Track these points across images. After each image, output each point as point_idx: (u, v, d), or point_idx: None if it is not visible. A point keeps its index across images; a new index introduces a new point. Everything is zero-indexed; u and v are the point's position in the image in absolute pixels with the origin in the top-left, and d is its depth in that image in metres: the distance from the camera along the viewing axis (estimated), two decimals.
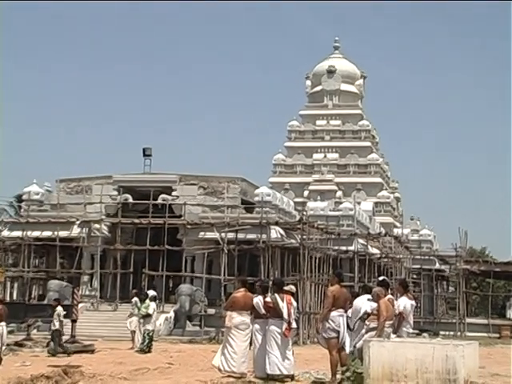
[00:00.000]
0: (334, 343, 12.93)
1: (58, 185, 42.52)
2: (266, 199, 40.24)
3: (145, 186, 40.30)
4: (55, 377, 13.59)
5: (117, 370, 15.92)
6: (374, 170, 64.49)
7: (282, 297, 13.66)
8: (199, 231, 38.07)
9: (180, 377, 14.63)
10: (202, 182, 40.78)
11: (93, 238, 38.97)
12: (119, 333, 28.21)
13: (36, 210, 41.83)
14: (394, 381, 11.03)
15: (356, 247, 40.83)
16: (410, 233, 59.59)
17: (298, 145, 65.69)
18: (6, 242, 39.50)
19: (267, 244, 36.01)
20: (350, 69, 68.20)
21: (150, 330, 23.72)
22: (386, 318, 12.15)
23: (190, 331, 33.62)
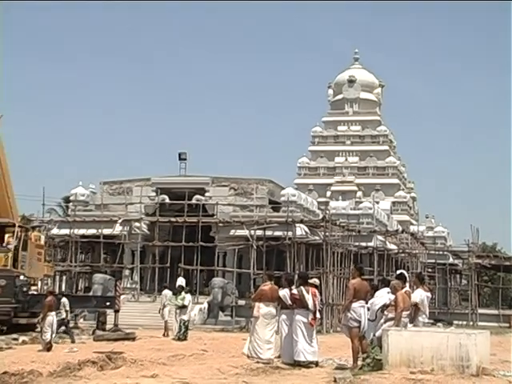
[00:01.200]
0: (355, 332, 12.92)
1: (102, 187, 42.83)
2: (292, 199, 40.19)
3: (180, 188, 40.40)
4: (100, 362, 13.67)
5: (156, 356, 15.97)
6: (391, 172, 64.20)
7: (307, 289, 13.65)
8: (230, 229, 38.14)
9: (213, 362, 14.64)
10: (232, 183, 40.86)
11: (133, 235, 39.17)
12: (157, 322, 28.29)
13: (82, 210, 42.16)
14: (410, 367, 10.99)
15: (375, 243, 40.67)
16: (426, 230, 59.17)
17: (321, 149, 65.57)
18: (55, 239, 39.85)
19: (293, 240, 35.98)
20: (369, 78, 67.94)
21: (185, 319, 23.77)
22: (403, 309, 12.10)
23: (222, 321, 33.67)
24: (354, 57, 69.27)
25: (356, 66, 68.61)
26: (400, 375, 10.65)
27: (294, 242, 35.96)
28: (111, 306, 26.69)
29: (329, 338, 25.00)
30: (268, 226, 37.02)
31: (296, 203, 40.38)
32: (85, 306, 28.77)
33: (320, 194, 60.18)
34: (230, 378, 11.63)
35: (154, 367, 13.53)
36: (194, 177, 41.38)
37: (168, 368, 13.42)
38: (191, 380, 11.04)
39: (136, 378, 11.50)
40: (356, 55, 69.25)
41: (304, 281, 14.12)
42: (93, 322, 27.62)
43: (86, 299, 30.11)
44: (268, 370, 12.58)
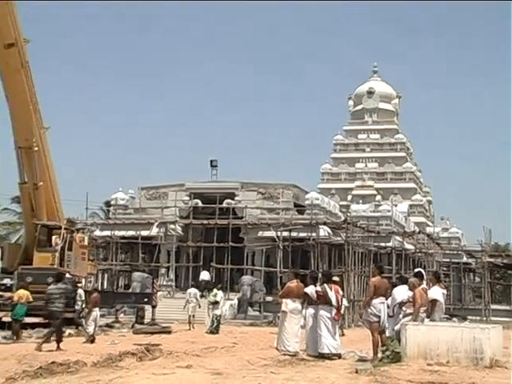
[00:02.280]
0: (375, 326, 12.88)
1: (140, 192, 43.11)
2: (315, 203, 40.19)
3: (212, 192, 40.52)
4: (139, 353, 13.71)
5: (190, 348, 16.01)
6: (408, 177, 63.86)
7: (330, 286, 13.63)
8: (258, 230, 38.18)
9: (243, 354, 14.64)
10: (260, 188, 40.90)
11: (169, 236, 39.35)
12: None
13: (122, 214, 42.44)
14: (427, 359, 10.92)
15: (393, 243, 40.48)
16: (441, 231, 58.80)
17: (343, 156, 65.41)
18: (98, 240, 40.13)
19: (316, 241, 35.95)
20: (387, 90, 67.65)
21: (217, 314, 23.84)
22: (420, 305, 12.02)
23: (251, 316, 33.70)
24: (372, 70, 69.07)
25: (375, 78, 68.38)
26: (417, 367, 10.59)
27: (317, 242, 35.93)
28: (149, 301, 26.86)
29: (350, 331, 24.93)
30: (293, 227, 37.02)
31: (319, 206, 40.35)
32: (125, 301, 28.95)
33: (342, 198, 59.98)
34: (258, 368, 11.62)
35: (189, 358, 13.55)
36: (225, 182, 41.48)
37: (201, 359, 13.44)
38: (223, 370, 11.05)
39: (172, 368, 11.53)
40: (375, 68, 69.05)
41: (327, 279, 14.10)
42: (132, 316, 27.79)
43: (126, 296, 30.31)
44: (294, 362, 12.55)
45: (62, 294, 16.36)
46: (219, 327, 23.56)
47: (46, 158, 25.27)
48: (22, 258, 25.07)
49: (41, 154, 24.67)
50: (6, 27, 21.94)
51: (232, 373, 10.80)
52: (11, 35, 22.16)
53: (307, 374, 10.65)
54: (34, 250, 25.14)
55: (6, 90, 23.07)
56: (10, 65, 22.53)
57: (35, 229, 25.38)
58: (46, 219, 25.52)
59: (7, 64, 22.49)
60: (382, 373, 10.25)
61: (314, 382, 9.71)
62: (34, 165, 24.42)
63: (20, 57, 22.74)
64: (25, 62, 23.07)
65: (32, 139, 24.07)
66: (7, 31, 22.01)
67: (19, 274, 23.70)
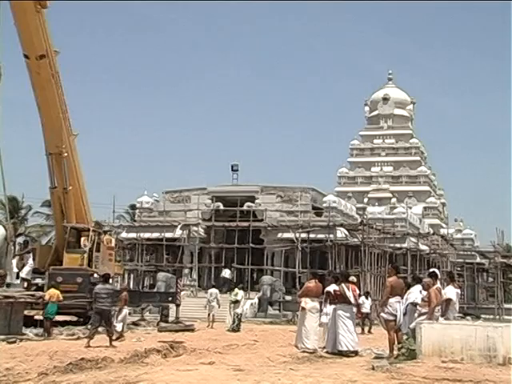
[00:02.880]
0: (391, 325, 12.83)
1: (164, 195, 43.25)
2: (333, 205, 40.08)
3: (233, 196, 40.58)
4: (164, 350, 13.77)
5: (212, 346, 16.04)
6: (422, 180, 63.48)
7: (347, 286, 13.61)
8: (277, 232, 38.17)
9: (263, 351, 14.65)
10: (279, 191, 40.87)
11: (192, 238, 39.44)
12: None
13: (147, 216, 42.62)
14: (442, 356, 10.86)
15: (408, 245, 40.29)
16: (455, 232, 58.33)
17: (359, 160, 65.19)
18: (124, 242, 40.34)
19: (334, 242, 35.87)
20: (402, 96, 67.35)
21: (238, 313, 23.84)
22: (435, 304, 11.96)
23: (271, 314, 33.67)
24: (388, 77, 68.78)
25: (390, 85, 68.12)
26: (432, 364, 10.53)
27: (335, 243, 35.85)
28: (173, 300, 26.88)
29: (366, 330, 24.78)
30: (311, 229, 36.96)
31: (336, 209, 40.24)
32: (150, 300, 29.02)
33: (358, 201, 59.74)
34: (278, 365, 11.63)
35: (211, 355, 13.59)
36: (245, 186, 41.52)
37: (223, 356, 13.47)
38: (244, 367, 11.06)
39: (195, 364, 11.57)
40: (390, 75, 68.76)
41: (345, 278, 14.09)
42: (157, 315, 27.83)
43: (151, 295, 30.37)
44: (313, 359, 12.54)
45: (108, 294, 16.59)
46: (240, 325, 23.55)
47: (75, 163, 25.42)
48: (52, 259, 25.23)
49: (70, 160, 24.84)
50: (38, 39, 22.14)
51: (253, 369, 10.81)
52: (42, 47, 22.35)
53: (325, 370, 10.64)
54: (64, 251, 25.28)
55: (38, 100, 23.27)
56: (42, 75, 22.71)
57: (65, 231, 25.54)
58: (75, 222, 25.66)
59: (38, 75, 22.68)
60: (397, 369, 10.21)
61: (332, 378, 9.69)
62: (63, 170, 24.58)
63: (51, 68, 22.92)
64: (55, 72, 23.25)
65: (62, 146, 24.23)
66: (38, 43, 22.20)
67: (50, 274, 23.86)
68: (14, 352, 14.45)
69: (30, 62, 22.43)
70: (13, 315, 18.68)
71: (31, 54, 22.26)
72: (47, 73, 22.81)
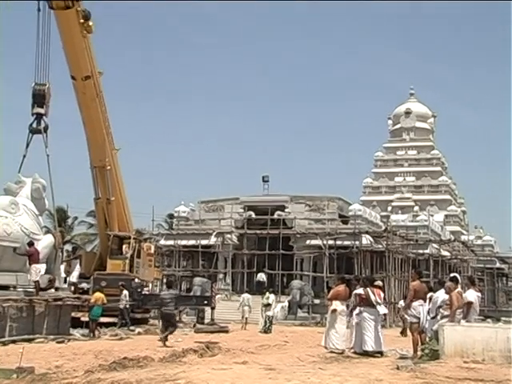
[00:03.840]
0: (415, 327, 12.72)
1: (199, 205, 43.46)
2: (358, 213, 39.91)
3: (264, 205, 40.60)
4: (200, 350, 13.79)
5: (245, 346, 16.03)
6: (443, 189, 62.91)
7: (372, 290, 13.54)
8: (306, 239, 38.07)
9: (293, 352, 14.60)
10: (307, 200, 40.82)
11: (225, 245, 39.53)
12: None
13: (183, 225, 42.86)
14: (464, 357, 10.71)
15: (431, 251, 39.90)
16: (475, 239, 57.68)
17: (383, 170, 64.85)
18: (163, 249, 40.56)
19: (359, 249, 35.65)
20: (423, 110, 66.92)
21: (270, 315, 23.81)
22: (456, 307, 11.81)
23: (301, 317, 33.54)
24: (409, 92, 68.54)
25: (412, 99, 67.77)
26: (455, 364, 10.39)
27: (360, 250, 35.63)
28: (208, 303, 26.94)
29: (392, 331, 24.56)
30: (338, 236, 36.79)
31: (362, 217, 40.04)
32: (187, 304, 29.10)
33: (382, 209, 59.36)
34: (307, 365, 11.57)
35: (244, 355, 13.58)
36: (275, 196, 41.54)
37: (256, 356, 13.45)
38: (275, 366, 11.02)
39: (229, 364, 11.56)
40: (411, 91, 68.47)
41: (370, 283, 14.01)
42: (193, 317, 27.93)
43: (188, 298, 30.46)
44: (340, 359, 12.45)
45: (172, 299, 17.00)
46: (272, 327, 23.51)
47: (117, 175, 25.70)
48: (96, 265, 25.49)
49: (113, 173, 25.11)
50: (84, 61, 22.48)
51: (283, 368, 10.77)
52: (87, 68, 22.70)
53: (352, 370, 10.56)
54: (107, 257, 25.54)
55: (83, 117, 23.61)
56: (87, 95, 23.05)
57: (108, 239, 25.79)
58: (118, 230, 25.90)
59: (84, 94, 23.02)
60: (421, 369, 10.09)
61: (359, 377, 9.61)
62: (106, 182, 24.86)
63: (95, 87, 23.25)
64: (99, 91, 23.58)
65: (105, 159, 24.53)
66: (84, 65, 22.54)
67: (94, 278, 24.11)
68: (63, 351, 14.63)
69: (77, 83, 22.79)
70: (61, 317, 18.88)
71: (77, 75, 22.62)
72: (92, 92, 23.15)
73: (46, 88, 20.88)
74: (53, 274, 20.87)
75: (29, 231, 20.00)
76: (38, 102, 20.90)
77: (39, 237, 20.62)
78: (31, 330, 17.55)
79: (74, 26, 21.51)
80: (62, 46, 22.06)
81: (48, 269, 20.76)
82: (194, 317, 27.79)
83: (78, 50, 22.16)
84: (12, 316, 17.11)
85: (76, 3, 21.27)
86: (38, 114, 20.96)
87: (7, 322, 16.93)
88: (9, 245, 18.87)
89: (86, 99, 23.16)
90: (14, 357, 12.64)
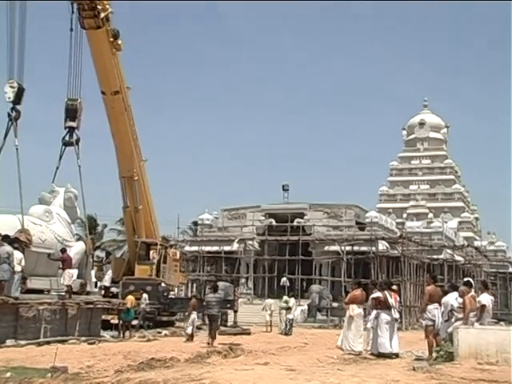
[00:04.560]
0: (430, 329, 12.60)
1: (222, 213, 43.54)
2: (374, 220, 39.68)
3: (284, 213, 40.58)
4: (224, 352, 13.80)
5: (267, 348, 16.00)
6: (457, 197, 62.36)
7: (390, 294, 13.48)
8: (324, 245, 37.95)
9: (313, 353, 14.55)
10: (326, 208, 40.70)
11: (247, 251, 39.55)
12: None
13: (207, 232, 42.95)
14: (478, 359, 10.58)
15: (445, 256, 39.57)
16: (488, 244, 56.94)
17: (398, 179, 64.47)
18: (188, 255, 40.69)
19: (376, 254, 35.45)
20: (436, 121, 66.48)
21: (290, 318, 23.74)
22: (470, 310, 11.69)
23: (320, 319, 33.42)
24: (423, 104, 68.14)
25: (425, 111, 67.37)
26: (469, 365, 10.27)
27: (377, 255, 35.43)
28: (231, 307, 26.96)
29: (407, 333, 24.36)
30: (355, 242, 36.64)
31: (378, 224, 39.82)
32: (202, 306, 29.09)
33: (397, 216, 58.93)
34: (326, 366, 11.52)
35: (266, 356, 13.55)
36: (295, 204, 41.50)
37: (277, 357, 13.41)
38: (296, 367, 10.99)
39: (252, 364, 11.55)
40: (425, 102, 68.07)
41: (387, 286, 13.95)
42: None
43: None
44: (358, 360, 12.38)
45: (217, 302, 17.26)
46: (292, 329, 23.44)
47: (145, 185, 25.87)
48: (125, 270, 25.65)
49: (140, 183, 25.29)
50: (113, 77, 22.75)
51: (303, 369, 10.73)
52: (116, 84, 22.95)
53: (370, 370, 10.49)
54: (135, 263, 25.69)
55: (112, 130, 23.84)
56: (116, 109, 23.30)
57: (136, 245, 25.95)
58: (145, 237, 26.05)
59: (113, 108, 23.27)
60: (436, 370, 10.00)
61: (376, 378, 9.54)
62: (134, 191, 25.05)
63: (124, 102, 23.48)
64: (127, 105, 23.81)
65: (133, 170, 24.72)
66: (113, 81, 22.81)
67: (123, 283, 24.27)
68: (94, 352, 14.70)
69: (106, 98, 23.05)
70: (92, 319, 19.02)
71: (107, 90, 22.88)
72: (121, 106, 23.39)
73: (77, 103, 21.11)
74: (84, 279, 21.04)
75: (62, 238, 20.20)
76: (71, 116, 21.12)
77: (71, 243, 20.81)
78: (64, 331, 17.70)
79: (104, 44, 21.80)
80: (93, 63, 22.35)
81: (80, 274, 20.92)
82: None
83: (107, 67, 22.43)
84: (46, 318, 17.28)
85: (106, 23, 21.57)
86: (70, 127, 21.17)
87: (42, 324, 17.10)
88: (43, 251, 19.08)
89: (115, 113, 23.40)
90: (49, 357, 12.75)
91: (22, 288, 17.21)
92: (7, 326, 16.23)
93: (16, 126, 18.88)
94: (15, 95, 18.82)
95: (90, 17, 21.04)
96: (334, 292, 36.68)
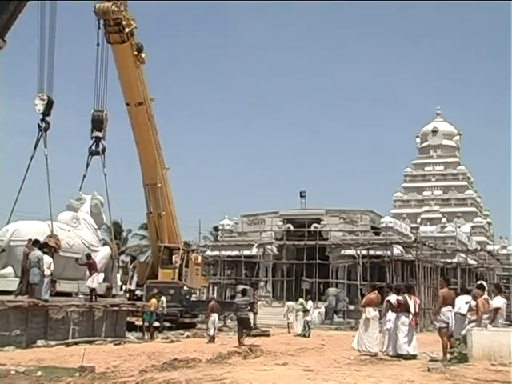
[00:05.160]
0: (444, 331, 12.49)
1: (242, 218, 43.56)
2: (389, 225, 39.51)
3: (301, 218, 40.51)
4: (244, 353, 13.78)
5: (286, 349, 15.95)
6: (469, 202, 61.79)
7: (410, 297, 13.41)
8: (341, 249, 37.80)
9: (330, 354, 14.48)
10: (342, 214, 40.55)
11: (266, 255, 39.50)
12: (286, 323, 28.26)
13: (227, 237, 42.99)
14: (491, 360, 10.46)
15: (458, 260, 39.20)
16: (500, 248, 56.37)
17: (412, 185, 64.07)
18: (209, 259, 40.74)
19: (391, 258, 35.23)
20: (449, 129, 66.01)
21: (308, 320, 23.67)
22: (483, 313, 11.57)
23: (336, 322, 33.24)
24: (436, 112, 67.70)
25: (438, 119, 66.94)
26: (482, 366, 10.16)
27: (391, 259, 35.21)
28: (251, 309, 26.85)
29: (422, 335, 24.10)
30: (371, 246, 36.45)
31: (393, 228, 39.63)
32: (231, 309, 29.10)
33: (412, 221, 58.51)
34: (343, 366, 11.45)
35: (285, 357, 13.51)
36: (312, 209, 41.39)
37: (295, 358, 13.37)
38: (313, 367, 10.95)
39: (271, 365, 11.52)
40: (438, 110, 67.60)
41: (407, 290, 13.87)
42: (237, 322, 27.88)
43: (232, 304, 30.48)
44: (374, 361, 12.29)
45: (246, 304, 17.72)
46: (310, 331, 23.36)
47: (168, 192, 25.99)
48: (149, 274, 25.74)
49: (163, 190, 25.41)
50: (137, 89, 22.95)
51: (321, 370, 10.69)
52: (140, 95, 23.16)
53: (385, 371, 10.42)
54: (159, 267, 25.78)
55: (136, 139, 24.03)
56: (140, 119, 23.49)
57: (159, 250, 26.05)
58: (168, 242, 26.13)
59: (137, 119, 23.46)
60: (451, 371, 9.90)
61: (392, 378, 9.48)
62: (157, 198, 25.18)
63: (147, 113, 23.67)
64: (151, 116, 23.99)
65: (156, 178, 24.86)
66: (137, 92, 23.02)
67: (147, 286, 24.35)
68: (119, 352, 14.79)
69: (131, 109, 23.26)
70: (118, 321, 19.12)
71: (131, 101, 23.09)
72: (144, 117, 23.57)
73: (103, 114, 21.33)
74: (110, 282, 21.16)
75: (89, 243, 20.36)
76: (97, 127, 21.34)
77: (98, 248, 20.97)
78: (91, 332, 17.83)
79: (128, 57, 22.04)
80: (118, 76, 22.58)
81: (106, 277, 21.06)
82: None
83: (131, 79, 22.65)
84: (74, 320, 17.42)
85: (130, 37, 21.81)
86: (96, 137, 21.39)
87: (70, 326, 17.24)
88: (71, 256, 19.25)
89: (139, 123, 23.58)
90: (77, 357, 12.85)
91: (52, 291, 17.36)
92: (38, 328, 16.40)
93: (45, 137, 19.15)
94: (45, 107, 19.10)
95: (115, 32, 21.32)
96: (350, 295, 36.48)
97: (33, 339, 16.02)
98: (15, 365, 11.57)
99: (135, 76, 22.66)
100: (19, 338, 15.70)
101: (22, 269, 17.08)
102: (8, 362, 12.08)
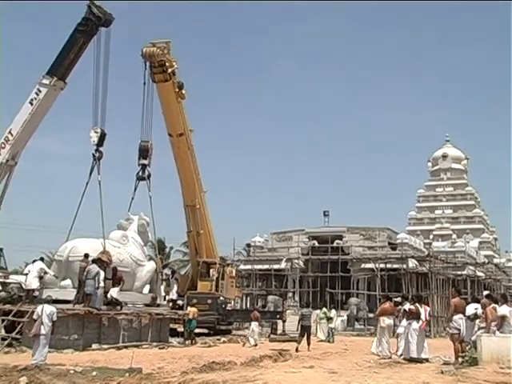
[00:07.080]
0: (456, 337, 12.28)
1: (271, 236, 43.50)
2: (405, 241, 39.06)
3: (325, 235, 40.26)
4: (274, 356, 13.75)
5: (312, 353, 15.83)
6: (477, 220, 60.74)
7: (421, 305, 13.25)
8: (361, 263, 37.43)
9: (352, 358, 14.31)
10: (362, 231, 40.26)
11: (293, 269, 39.32)
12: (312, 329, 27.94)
13: (258, 252, 42.93)
14: (500, 363, 10.23)
15: (467, 272, 38.41)
16: (506, 261, 55.03)
17: (425, 205, 63.31)
18: (242, 272, 40.69)
19: (406, 271, 34.71)
20: (458, 153, 65.27)
21: (332, 327, 23.44)
22: (491, 320, 11.36)
23: (358, 328, 32.77)
24: (445, 139, 67.15)
25: (447, 145, 66.28)
26: (492, 369, 9.95)
27: (407, 271, 34.70)
28: (280, 317, 26.73)
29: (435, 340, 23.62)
30: (388, 260, 35.99)
31: (408, 244, 39.15)
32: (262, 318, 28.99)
33: (425, 237, 57.59)
34: (364, 369, 11.33)
35: (311, 361, 13.42)
36: (335, 227, 41.14)
37: (321, 361, 13.27)
38: (337, 370, 10.85)
39: (299, 368, 11.47)
40: (447, 137, 67.03)
41: (419, 299, 13.72)
42: (268, 328, 27.71)
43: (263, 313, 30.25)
44: (392, 364, 12.13)
45: (310, 315, 18.85)
46: (333, 337, 23.10)
47: (205, 212, 26.11)
48: (189, 285, 25.78)
49: (201, 210, 25.54)
50: (178, 122, 23.28)
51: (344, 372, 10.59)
52: (181, 127, 23.47)
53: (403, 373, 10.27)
54: (198, 279, 25.81)
55: (177, 166, 24.29)
56: (181, 148, 23.77)
57: (198, 264, 26.11)
58: (206, 257, 26.18)
59: (178, 148, 23.76)
60: (462, 374, 9.72)
61: (409, 380, 9.34)
62: (196, 218, 25.30)
63: (187, 142, 23.94)
64: (190, 145, 24.26)
65: (195, 200, 25.02)
66: (178, 124, 23.34)
67: (188, 297, 24.38)
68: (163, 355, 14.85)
69: (172, 139, 23.56)
70: (162, 328, 19.21)
71: (173, 132, 23.41)
72: (185, 146, 23.85)
73: (149, 144, 21.71)
74: (155, 293, 21.32)
75: (136, 259, 20.58)
76: (143, 155, 21.72)
77: (144, 263, 21.18)
78: (139, 337, 17.95)
79: (171, 94, 22.42)
80: (161, 110, 22.96)
81: (151, 289, 21.23)
82: (268, 328, 27.58)
83: (173, 113, 23.00)
84: (124, 326, 17.58)
85: (173, 76, 22.21)
86: (142, 164, 21.74)
87: (120, 331, 17.40)
88: (121, 269, 19.48)
89: (179, 152, 23.86)
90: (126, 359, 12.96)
91: (104, 301, 17.57)
92: (92, 333, 16.59)
93: (99, 165, 19.58)
94: (99, 139, 19.56)
95: (159, 72, 21.75)
96: (369, 304, 35.98)
97: (88, 343, 16.21)
98: (73, 365, 11.73)
99: (177, 110, 23.01)
100: (77, 341, 15.92)
101: (79, 281, 17.37)
102: (67, 362, 12.26)
